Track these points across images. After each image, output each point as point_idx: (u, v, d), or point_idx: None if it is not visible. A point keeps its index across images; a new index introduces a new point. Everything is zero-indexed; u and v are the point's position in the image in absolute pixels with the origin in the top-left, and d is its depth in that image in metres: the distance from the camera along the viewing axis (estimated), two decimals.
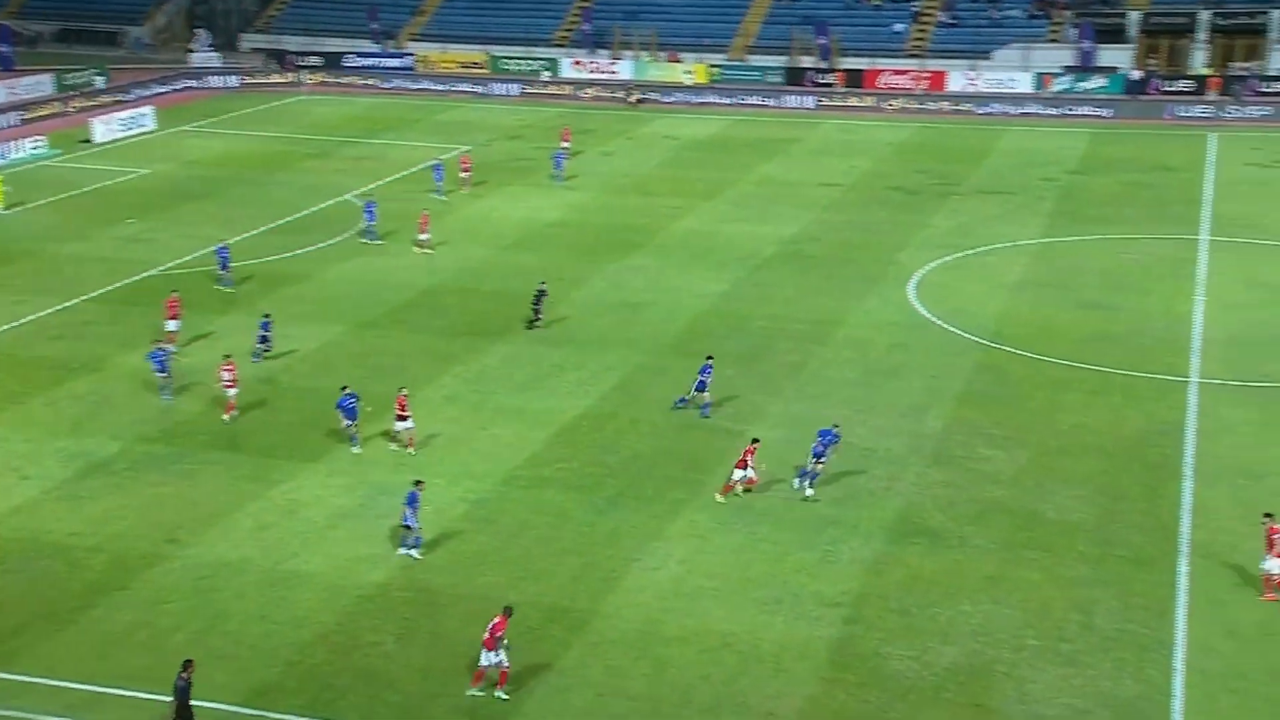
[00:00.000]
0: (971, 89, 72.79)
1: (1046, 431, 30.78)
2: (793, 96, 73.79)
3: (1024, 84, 72.47)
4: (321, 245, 46.06)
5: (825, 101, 73.09)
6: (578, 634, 22.99)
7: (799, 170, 58.46)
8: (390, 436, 30.21)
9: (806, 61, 77.11)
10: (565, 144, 59.63)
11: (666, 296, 41.06)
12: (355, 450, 29.71)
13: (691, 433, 31.06)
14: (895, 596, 24.07)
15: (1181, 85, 70.23)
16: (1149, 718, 20.56)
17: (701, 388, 31.75)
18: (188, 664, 20.09)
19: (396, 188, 54.19)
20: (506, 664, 20.99)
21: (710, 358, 32.35)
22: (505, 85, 77.37)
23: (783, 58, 77.69)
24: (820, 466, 27.63)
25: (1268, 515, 23.95)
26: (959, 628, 23.03)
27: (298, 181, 55.44)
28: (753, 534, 26.39)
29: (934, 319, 38.51)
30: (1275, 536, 23.56)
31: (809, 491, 27.59)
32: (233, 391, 31.67)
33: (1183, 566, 24.89)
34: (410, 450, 29.74)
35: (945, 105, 71.36)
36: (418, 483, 25.89)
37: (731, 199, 53.39)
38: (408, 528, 25.44)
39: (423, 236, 45.62)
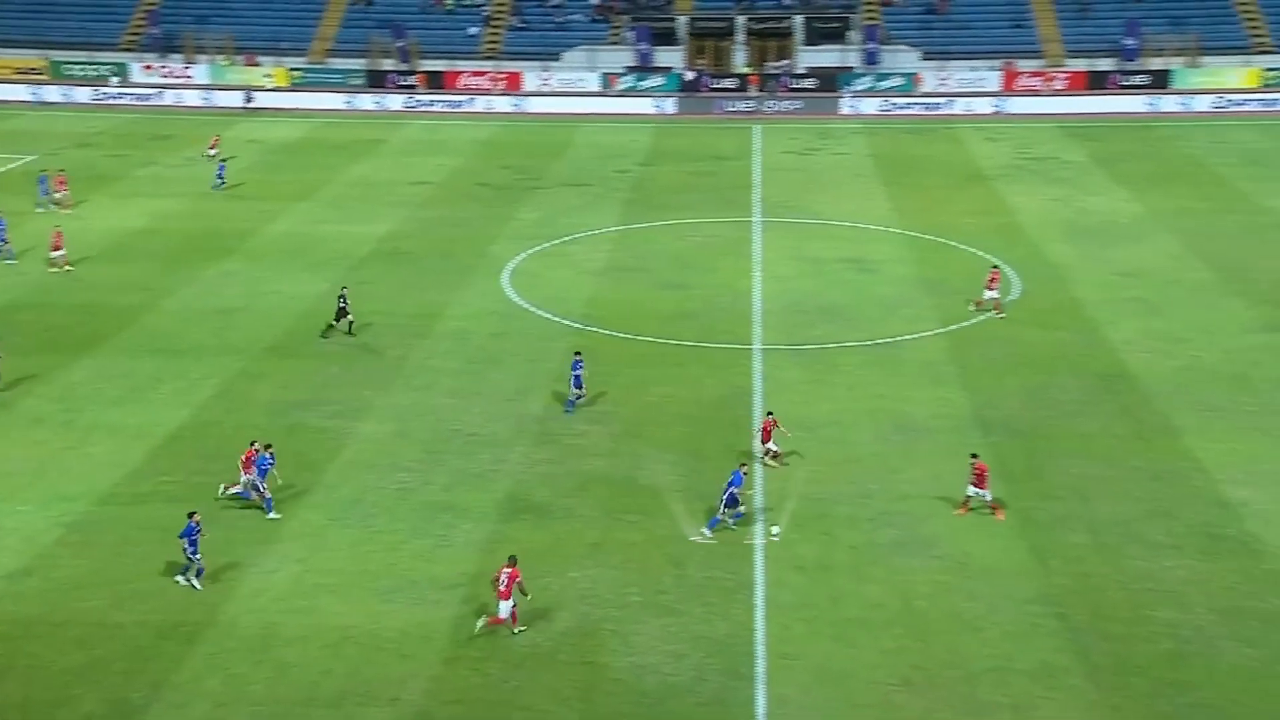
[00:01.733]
0: (546, 88, 74.53)
1: (637, 404, 32.09)
2: (376, 98, 72.75)
3: (592, 83, 75.01)
4: None
5: (411, 103, 72.58)
6: (193, 647, 21.71)
7: (389, 170, 57.74)
8: None
9: (387, 64, 76.18)
10: (213, 150, 56.34)
11: (263, 300, 39.41)
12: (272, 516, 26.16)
13: (300, 434, 30.03)
14: None
15: (727, 83, 74.99)
16: (737, 651, 21.95)
17: (579, 384, 31.28)
18: None
19: None
20: (514, 604, 21.93)
21: (578, 353, 32.04)
22: (69, 90, 71.40)
23: (363, 60, 76.38)
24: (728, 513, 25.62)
25: (974, 455, 26.53)
26: (569, 593, 23.63)
27: None
28: (368, 527, 25.89)
29: (528, 306, 39.19)
30: (980, 473, 25.94)
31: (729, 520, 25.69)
32: None
33: (758, 514, 26.71)
34: None
35: (524, 104, 72.71)
36: (191, 514, 23.76)
37: (324, 200, 51.97)
38: (190, 559, 23.46)
39: (55, 254, 41.76)
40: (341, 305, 36.44)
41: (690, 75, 75.03)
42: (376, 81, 75.17)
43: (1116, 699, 20.46)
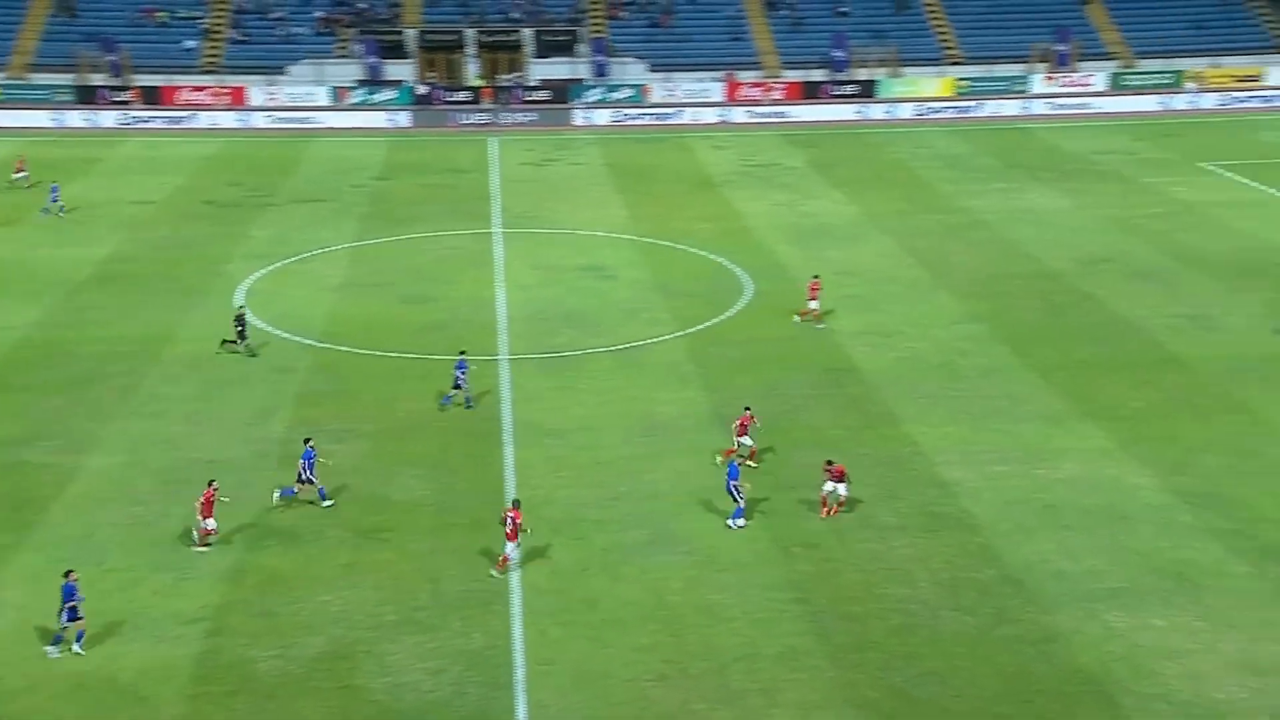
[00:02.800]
0: (273, 103, 72.04)
1: (385, 420, 31.44)
2: (87, 115, 68.45)
3: (322, 97, 73.02)
4: None
5: (126, 120, 68.65)
6: None
7: (106, 189, 54.46)
8: None
9: (98, 79, 71.79)
10: (21, 173, 51.82)
11: None
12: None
13: (20, 472, 27.89)
14: (256, 600, 23.42)
15: (461, 96, 74.59)
16: (495, 662, 21.85)
17: (459, 384, 31.84)
18: None
19: None
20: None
21: (463, 352, 32.92)
22: None
23: (70, 75, 71.68)
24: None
25: (747, 407, 28.89)
26: (321, 617, 22.92)
27: None
28: (101, 565, 24.32)
29: (267, 326, 37.75)
30: (748, 424, 28.42)
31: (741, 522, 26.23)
32: None
33: None
34: None
35: (250, 119, 70.02)
36: (68, 573, 21.80)
37: (36, 223, 48.47)
38: (67, 624, 21.62)
39: None
40: (240, 326, 35.16)
41: (423, 89, 74.17)
42: (86, 97, 70.74)
43: (853, 675, 21.52)
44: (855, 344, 36.62)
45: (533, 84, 76.02)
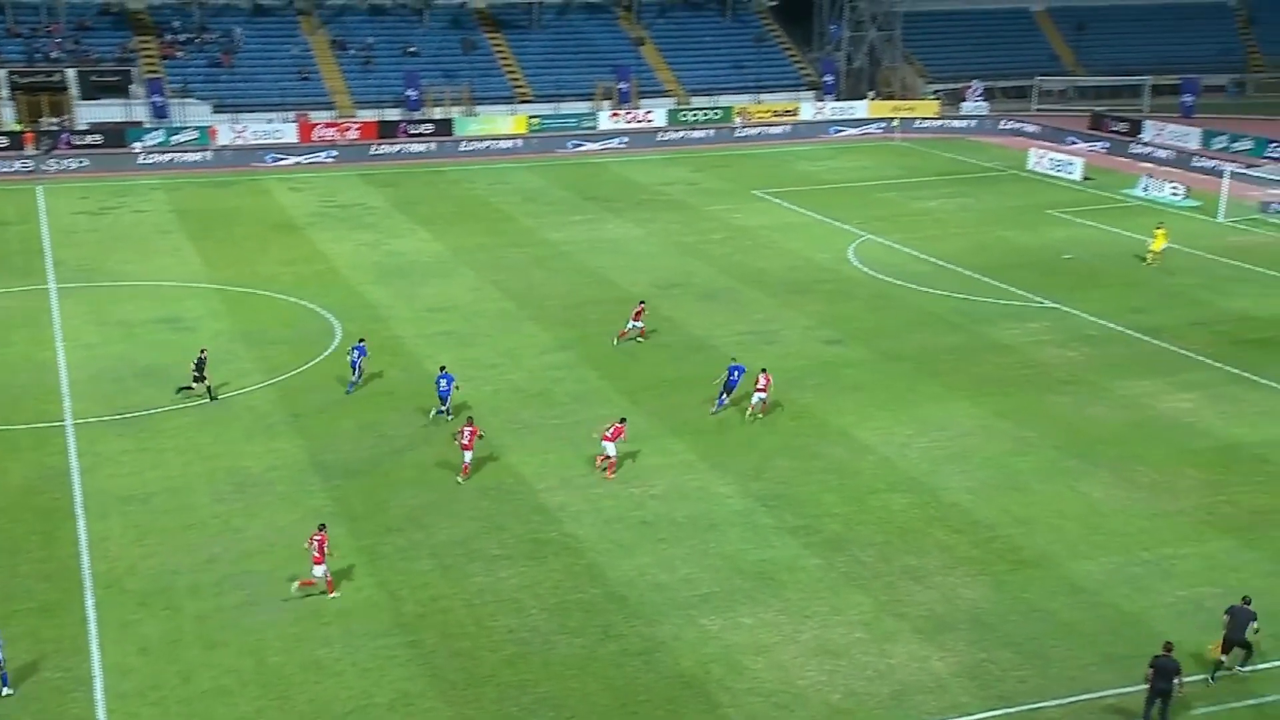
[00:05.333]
0: None
1: None
2: None
3: None
4: None
5: None
6: None
7: None
8: None
9: None
10: None
11: None
12: None
13: None
14: None
15: None
16: None
17: (354, 367, 34.85)
18: None
19: None
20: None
21: (362, 339, 35.79)
22: None
23: None
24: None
25: (623, 419, 30.47)
26: None
27: None
28: None
29: None
30: (619, 432, 29.87)
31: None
32: None
33: (90, 600, 24.33)
34: None
35: None
36: None
37: None
38: None
39: None
40: (198, 370, 34.11)
41: None
42: None
43: (469, 711, 21.30)
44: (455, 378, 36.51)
45: (82, 127, 70.45)
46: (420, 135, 75.94)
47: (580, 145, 76.80)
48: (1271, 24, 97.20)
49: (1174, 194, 60.36)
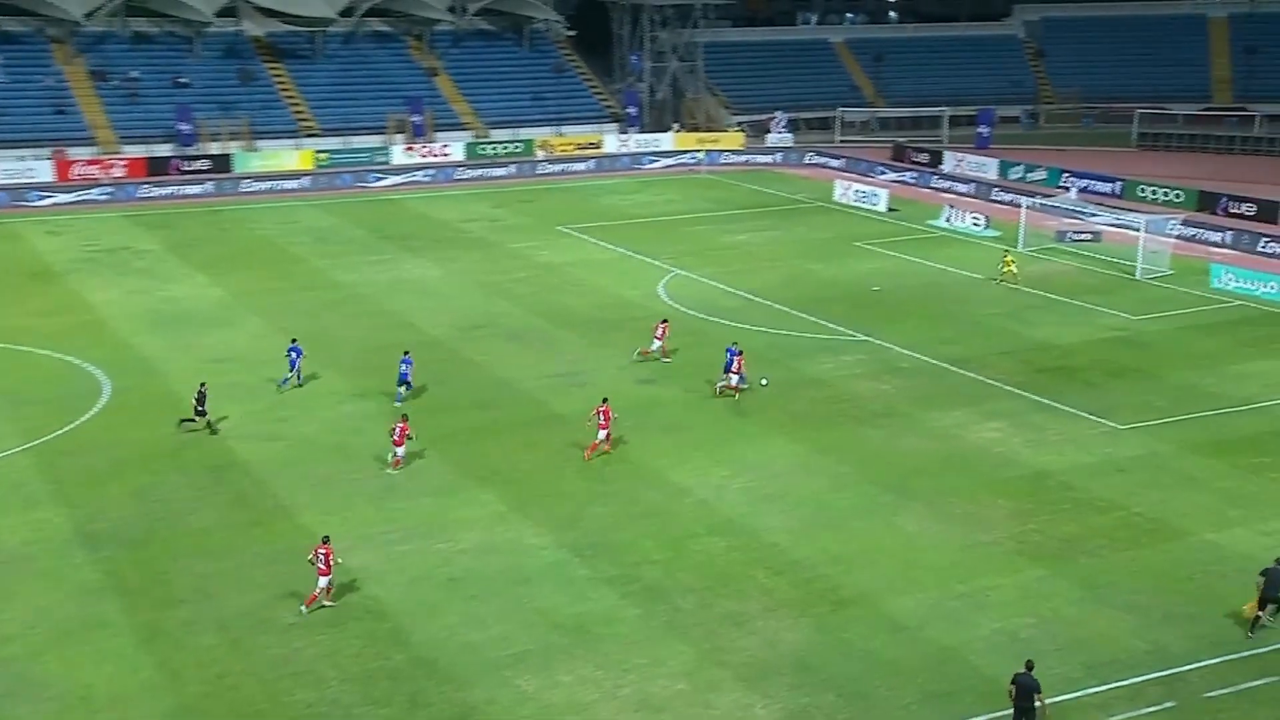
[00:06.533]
0: None
1: None
2: None
3: None
4: None
5: None
6: None
7: None
8: None
9: None
10: None
11: None
12: None
13: None
14: None
15: None
16: None
17: (293, 366, 38.01)
18: None
19: None
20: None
21: (295, 340, 38.91)
22: None
23: None
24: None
25: (605, 399, 33.94)
26: None
27: None
28: None
29: None
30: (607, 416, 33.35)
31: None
32: None
33: None
34: None
35: None
36: None
37: None
38: None
39: None
40: (200, 404, 35.06)
41: None
42: None
43: None
44: (240, 435, 35.36)
45: None
46: (196, 172, 73.69)
47: (375, 181, 75.84)
48: (1059, 57, 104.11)
49: (975, 224, 63.67)
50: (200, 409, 35.28)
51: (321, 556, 25.95)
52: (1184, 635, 25.34)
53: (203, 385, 35.86)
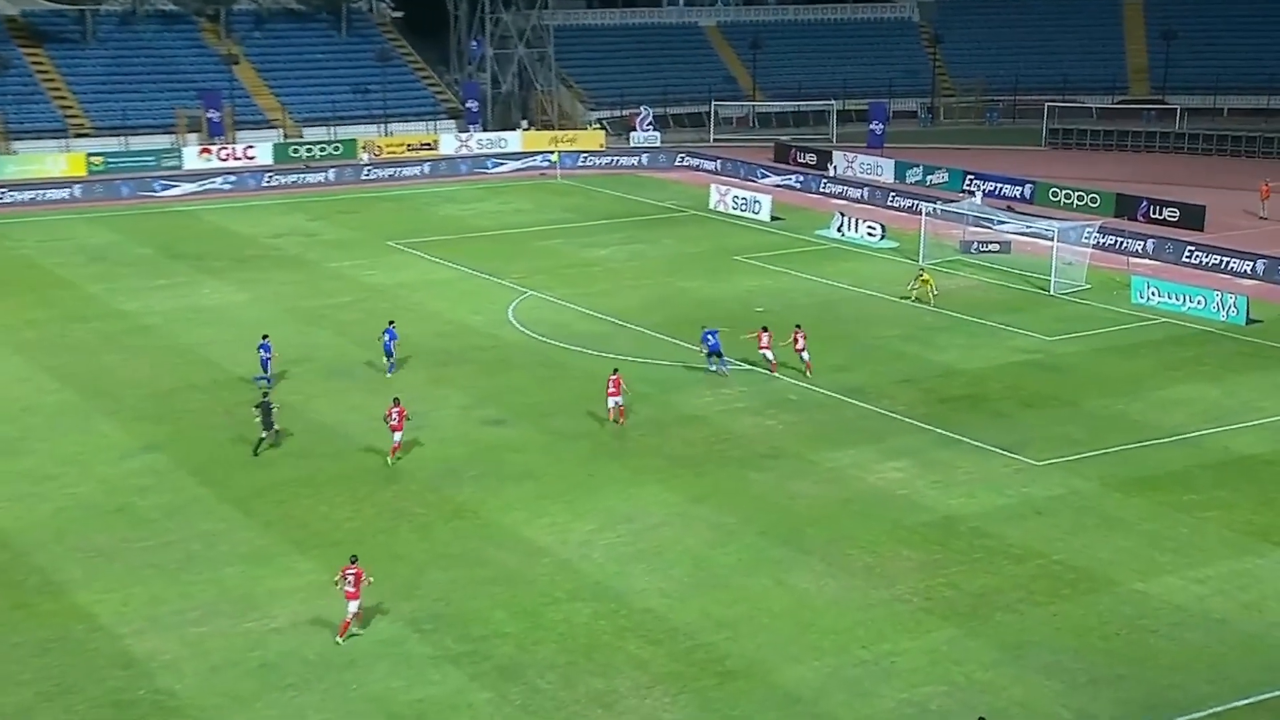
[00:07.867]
0: None
1: None
2: None
3: None
4: None
5: None
6: None
7: None
8: None
9: None
10: None
11: None
12: None
13: None
14: None
15: None
16: None
17: (265, 365, 40.51)
18: None
19: None
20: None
21: (266, 336, 41.40)
22: None
23: None
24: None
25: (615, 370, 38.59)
26: None
27: None
28: None
29: None
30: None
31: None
32: None
33: None
34: None
35: None
36: None
37: None
38: None
39: None
40: (268, 415, 36.66)
41: None
42: None
43: None
44: None
45: None
46: None
47: (163, 189, 74.29)
48: (957, 42, 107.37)
49: (870, 234, 65.09)
50: (267, 420, 36.78)
51: (351, 578, 27.29)
52: (1112, 700, 26.11)
53: (266, 394, 36.38)
